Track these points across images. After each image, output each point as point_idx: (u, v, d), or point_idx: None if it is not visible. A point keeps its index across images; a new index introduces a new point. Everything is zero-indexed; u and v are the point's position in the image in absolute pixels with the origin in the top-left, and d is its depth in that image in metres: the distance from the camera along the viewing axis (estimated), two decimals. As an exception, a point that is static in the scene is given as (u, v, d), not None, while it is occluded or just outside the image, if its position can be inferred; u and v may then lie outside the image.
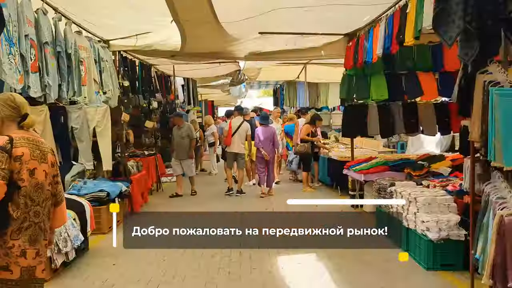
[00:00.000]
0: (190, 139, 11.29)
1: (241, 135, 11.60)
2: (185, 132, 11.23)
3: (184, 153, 11.20)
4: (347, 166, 9.63)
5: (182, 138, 11.18)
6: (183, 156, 11.19)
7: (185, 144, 11.19)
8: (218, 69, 13.73)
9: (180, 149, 11.20)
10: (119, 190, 8.36)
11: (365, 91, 9.53)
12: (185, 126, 11.34)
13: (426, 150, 16.66)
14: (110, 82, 8.57)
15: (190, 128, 11.39)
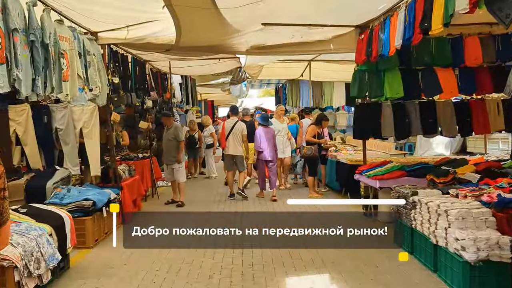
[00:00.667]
0: (178, 141, 10.25)
1: (236, 136, 11.05)
2: (172, 134, 10.21)
3: (171, 157, 10.23)
4: (359, 170, 8.78)
5: (169, 140, 10.23)
6: (170, 161, 10.27)
7: (172, 147, 10.21)
8: (217, 66, 12.86)
9: (167, 153, 10.32)
10: (107, 198, 7.52)
11: (378, 89, 8.71)
12: (173, 127, 10.33)
13: (435, 152, 15.93)
14: (98, 78, 7.70)
15: (177, 129, 10.36)
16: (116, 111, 8.72)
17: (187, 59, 11.12)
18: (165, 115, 10.52)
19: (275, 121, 12.08)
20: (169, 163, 10.26)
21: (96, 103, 7.82)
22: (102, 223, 7.52)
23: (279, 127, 11.94)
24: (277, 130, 11.68)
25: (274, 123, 11.85)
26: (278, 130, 11.78)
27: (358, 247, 6.78)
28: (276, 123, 12.03)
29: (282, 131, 11.97)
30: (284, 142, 12.00)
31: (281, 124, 12.11)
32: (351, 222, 8.56)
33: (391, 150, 11.73)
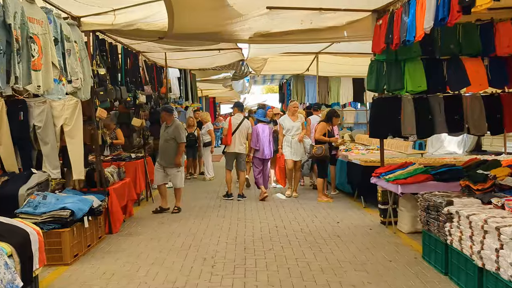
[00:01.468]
0: (178, 142, 9.12)
1: (242, 134, 10.60)
2: (171, 134, 9.11)
3: (169, 159, 9.12)
4: (376, 173, 7.77)
5: (166, 140, 9.13)
6: (167, 163, 9.16)
7: (170, 149, 9.10)
8: (218, 58, 11.88)
9: (164, 154, 9.20)
10: (88, 206, 6.54)
11: (398, 81, 7.73)
12: (174, 125, 9.20)
13: (447, 150, 14.90)
14: (79, 69, 6.73)
15: (178, 128, 9.20)
16: (102, 106, 7.72)
17: (184, 49, 10.12)
18: (166, 109, 9.34)
19: (287, 119, 10.83)
20: (167, 165, 9.18)
21: (77, 97, 6.83)
22: (84, 235, 6.53)
23: (289, 125, 10.72)
24: (286, 129, 10.69)
25: (285, 121, 10.78)
26: (288, 129, 10.69)
27: (380, 263, 5.82)
28: (288, 120, 10.80)
29: (293, 129, 10.69)
30: (296, 143, 10.66)
31: (293, 123, 10.75)
32: (370, 234, 7.62)
33: (408, 149, 10.71)
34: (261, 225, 8.03)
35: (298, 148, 10.70)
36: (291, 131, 10.69)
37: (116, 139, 10.55)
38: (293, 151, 10.66)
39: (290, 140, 10.68)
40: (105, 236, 7.41)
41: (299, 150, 10.73)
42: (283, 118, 11.00)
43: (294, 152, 10.67)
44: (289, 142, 10.69)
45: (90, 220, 6.69)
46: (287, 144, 10.71)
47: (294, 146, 10.66)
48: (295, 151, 10.68)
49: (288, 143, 10.70)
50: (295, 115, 10.89)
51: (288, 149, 10.70)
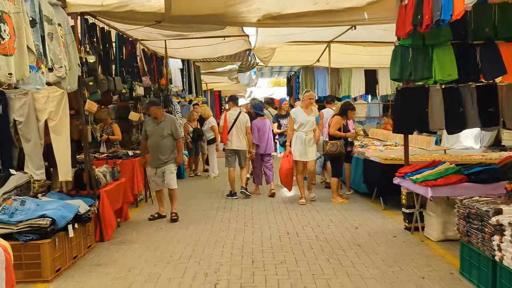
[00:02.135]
0: (175, 138, 8.12)
1: (239, 129, 9.96)
2: (167, 129, 7.98)
3: (166, 157, 8.04)
4: (400, 173, 6.90)
5: (162, 137, 7.98)
6: (164, 162, 8.05)
7: (167, 146, 8.04)
8: (222, 47, 10.98)
9: (160, 152, 8.02)
10: (73, 213, 5.70)
11: (425, 69, 6.86)
12: (166, 119, 8.09)
13: (463, 145, 13.92)
14: (63, 55, 5.87)
15: (175, 122, 8.14)
16: (92, 98, 6.87)
17: (185, 36, 9.23)
18: (154, 103, 8.14)
19: (300, 112, 9.31)
20: (161, 164, 8.07)
21: (62, 87, 5.96)
22: (68, 245, 5.70)
23: (303, 119, 9.23)
24: (299, 123, 9.20)
25: (298, 114, 9.28)
26: (301, 123, 9.20)
27: (411, 281, 4.96)
28: (301, 114, 9.30)
29: (307, 125, 9.21)
30: (308, 141, 9.21)
31: (307, 116, 9.25)
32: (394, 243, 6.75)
33: (430, 145, 9.80)
34: (270, 231, 7.17)
35: (313, 146, 9.29)
36: (305, 126, 9.19)
37: (113, 135, 9.77)
38: (304, 151, 9.21)
39: (303, 138, 9.17)
40: (96, 245, 6.59)
41: (313, 149, 9.32)
42: (296, 110, 9.45)
43: (307, 152, 9.22)
44: (301, 140, 9.19)
45: (76, 228, 5.87)
46: (299, 142, 9.20)
47: (307, 145, 9.19)
48: (307, 151, 9.22)
49: (300, 140, 9.20)
50: (309, 108, 9.40)
51: (299, 147, 9.20)
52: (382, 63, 15.48)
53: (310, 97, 9.45)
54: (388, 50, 12.92)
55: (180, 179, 12.61)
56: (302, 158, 9.24)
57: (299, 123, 9.23)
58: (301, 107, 9.43)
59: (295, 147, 9.25)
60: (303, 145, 9.18)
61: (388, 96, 18.28)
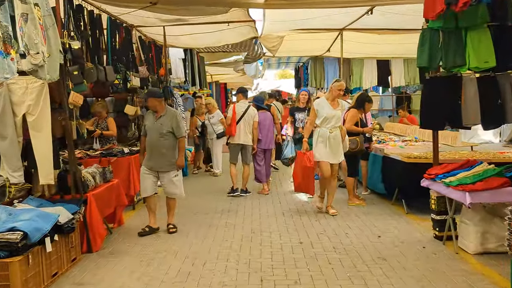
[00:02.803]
0: (177, 137, 6.84)
1: (248, 123, 9.40)
2: (167, 125, 6.72)
3: (165, 159, 6.78)
4: (430, 174, 6.03)
5: (161, 135, 6.73)
6: (163, 165, 6.80)
7: (167, 146, 6.77)
8: (226, 34, 10.10)
9: (158, 153, 6.76)
10: (51, 223, 4.87)
11: (458, 55, 6.01)
12: (169, 114, 6.85)
13: (482, 139, 13.06)
14: (41, 40, 5.03)
15: (177, 118, 6.85)
16: (77, 90, 6.03)
17: (184, 21, 8.37)
18: (153, 94, 6.85)
19: (325, 104, 7.73)
20: (162, 169, 6.82)
21: (39, 76, 5.11)
22: (46, 262, 4.87)
23: (329, 112, 7.64)
24: (323, 118, 7.64)
25: (324, 107, 7.69)
26: (326, 118, 7.63)
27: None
28: (326, 106, 7.71)
29: (332, 120, 7.64)
30: (332, 139, 7.65)
31: (332, 110, 7.67)
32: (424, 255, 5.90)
33: (456, 141, 8.91)
34: (281, 240, 6.32)
35: (338, 146, 7.73)
36: (329, 121, 7.64)
37: (108, 130, 8.97)
38: (330, 151, 7.65)
39: (327, 135, 7.63)
40: (82, 257, 5.76)
41: (339, 149, 7.78)
42: (320, 102, 7.84)
43: (333, 152, 7.67)
44: (325, 138, 7.64)
45: (57, 241, 5.05)
46: (322, 140, 7.68)
47: (333, 144, 7.66)
48: (334, 151, 7.68)
49: (324, 138, 7.65)
50: (335, 101, 7.79)
51: (323, 146, 7.66)
52: (396, 52, 14.74)
53: (340, 88, 7.73)
54: (403, 38, 12.21)
55: (183, 176, 11.81)
56: (327, 159, 7.67)
57: (322, 117, 7.66)
58: (327, 98, 7.83)
59: (317, 146, 7.72)
60: (327, 144, 7.64)
61: (400, 88, 17.48)
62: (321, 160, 7.67)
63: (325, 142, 7.64)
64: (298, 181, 8.08)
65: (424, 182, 6.19)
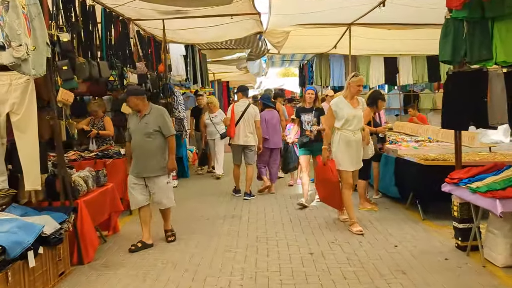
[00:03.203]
0: (166, 136, 6.16)
1: (248, 123, 9.05)
2: (152, 124, 6.04)
3: (153, 163, 6.06)
4: (453, 178, 5.51)
5: (146, 135, 6.03)
6: (151, 171, 6.07)
7: (154, 148, 6.07)
8: (230, 28, 9.54)
9: (145, 156, 6.05)
10: (34, 235, 4.36)
11: (484, 48, 5.52)
12: (155, 112, 6.13)
13: (491, 139, 12.47)
14: (24, 30, 4.53)
15: (164, 115, 6.17)
16: (66, 87, 5.51)
17: (184, 13, 7.85)
18: (134, 92, 6.10)
19: (344, 103, 6.69)
20: (149, 174, 6.09)
21: (22, 71, 4.61)
22: (29, 278, 4.35)
23: (349, 113, 6.62)
24: (343, 120, 6.61)
25: (341, 106, 6.65)
26: (345, 119, 6.60)
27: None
28: (345, 106, 6.66)
29: (354, 121, 6.63)
30: (356, 143, 6.71)
31: (352, 110, 6.64)
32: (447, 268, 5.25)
33: (474, 142, 8.38)
34: (289, 250, 5.80)
35: (361, 150, 6.86)
36: (351, 123, 6.61)
37: (105, 130, 8.51)
38: (353, 157, 6.69)
39: (350, 139, 6.63)
40: (71, 270, 5.26)
41: (361, 154, 6.89)
42: (338, 102, 6.74)
43: (356, 158, 6.75)
44: (348, 142, 6.64)
45: (42, 254, 4.55)
46: (345, 145, 6.64)
47: (357, 149, 6.73)
48: (357, 156, 6.75)
49: (347, 143, 6.64)
50: (355, 99, 6.75)
51: (345, 153, 6.64)
52: (404, 49, 14.20)
53: (359, 84, 6.67)
54: (412, 34, 11.70)
55: (184, 178, 11.34)
56: (352, 166, 6.71)
57: (343, 118, 6.62)
58: (345, 96, 6.77)
59: (340, 153, 6.67)
60: (350, 149, 6.65)
61: (407, 86, 16.97)
62: (343, 169, 6.67)
63: (348, 147, 6.64)
64: (321, 194, 7.25)
65: (445, 187, 5.67)
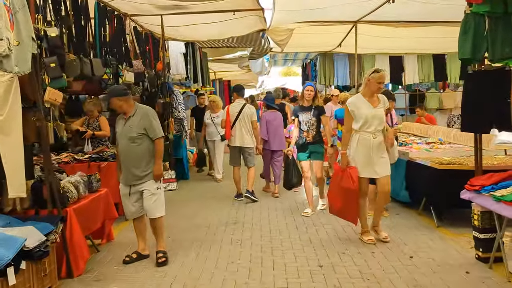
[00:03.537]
0: (153, 139, 5.51)
1: (244, 123, 8.75)
2: (138, 126, 5.41)
3: (139, 170, 5.43)
4: (473, 185, 5.08)
5: (130, 139, 5.41)
6: (137, 178, 5.45)
7: (139, 152, 5.43)
8: (231, 25, 9.11)
9: (129, 163, 5.45)
10: (14, 250, 3.94)
11: (507, 45, 5.12)
12: (138, 112, 5.48)
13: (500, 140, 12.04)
14: (6, 24, 4.11)
15: (149, 116, 5.48)
16: (55, 85, 5.07)
17: (183, 7, 7.43)
18: (116, 93, 5.47)
19: (362, 102, 5.95)
20: (135, 182, 5.48)
21: (4, 69, 4.20)
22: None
23: (366, 113, 5.87)
24: (361, 120, 5.88)
25: (359, 106, 5.91)
26: (364, 119, 5.87)
27: None
28: (364, 105, 5.93)
29: (374, 122, 5.87)
30: (376, 146, 5.91)
31: (372, 109, 5.89)
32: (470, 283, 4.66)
33: (489, 144, 7.95)
34: (297, 262, 5.37)
35: (382, 156, 5.99)
36: (370, 124, 5.87)
37: (100, 130, 8.12)
38: (371, 162, 5.92)
39: (369, 142, 5.90)
40: (59, 285, 4.83)
41: (384, 161, 6.01)
42: (355, 100, 6.01)
43: (375, 164, 5.93)
44: (366, 145, 5.91)
45: (24, 269, 4.13)
46: (363, 149, 5.92)
47: (376, 153, 5.92)
48: (376, 162, 5.93)
49: (365, 146, 5.91)
50: (375, 97, 5.99)
51: (363, 157, 5.93)
52: (409, 48, 13.84)
53: (380, 80, 5.86)
54: (418, 32, 11.28)
55: (184, 179, 10.93)
56: (368, 173, 5.99)
57: (361, 119, 5.88)
58: (364, 95, 6.00)
59: (357, 157, 5.97)
60: (369, 153, 5.91)
61: (413, 86, 16.56)
62: (361, 176, 5.97)
63: (368, 151, 5.90)
64: (336, 205, 6.17)
65: (465, 194, 5.25)
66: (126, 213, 5.71)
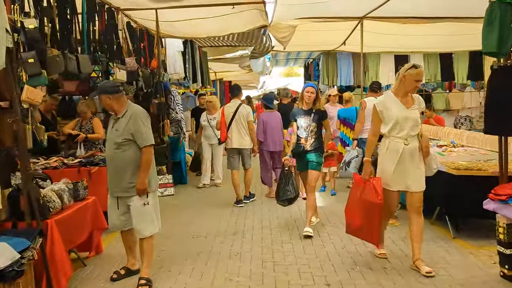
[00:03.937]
0: (140, 147, 4.78)
1: (240, 124, 8.51)
2: (124, 130, 4.74)
3: (124, 181, 4.78)
4: (498, 195, 4.58)
5: (115, 144, 4.79)
6: (122, 190, 4.81)
7: (125, 161, 4.76)
8: (231, 20, 8.63)
9: (114, 173, 4.86)
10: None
11: (536, 37, 4.52)
12: (127, 114, 4.80)
13: None
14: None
15: (138, 118, 4.75)
16: (33, 83, 4.55)
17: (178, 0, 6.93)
18: (101, 90, 4.88)
19: (393, 102, 5.09)
20: (121, 193, 4.85)
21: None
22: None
23: (398, 115, 5.02)
24: (391, 123, 5.04)
25: (389, 106, 5.06)
26: (394, 122, 5.02)
27: None
28: (395, 106, 5.07)
29: (406, 126, 5.00)
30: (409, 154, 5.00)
31: (405, 111, 5.02)
32: None
33: (510, 147, 7.40)
34: (301, 279, 4.86)
35: (418, 164, 5.06)
36: (403, 127, 5.01)
37: (93, 133, 7.65)
38: (405, 173, 5.02)
39: (401, 148, 5.00)
40: (37, 307, 4.33)
41: (419, 172, 5.07)
42: (385, 100, 5.20)
43: (407, 175, 5.03)
44: (397, 152, 5.01)
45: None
46: (392, 156, 5.04)
47: (410, 161, 5.01)
48: (411, 172, 5.03)
49: (395, 153, 5.01)
50: (409, 97, 5.10)
51: (391, 166, 5.04)
52: (415, 46, 13.41)
53: (418, 78, 4.98)
54: (425, 29, 10.79)
55: (182, 184, 10.42)
56: (398, 186, 5.09)
57: (391, 121, 5.04)
58: (396, 94, 5.12)
59: (385, 166, 5.13)
60: (400, 162, 5.01)
61: (418, 85, 16.10)
62: (389, 188, 5.09)
63: (397, 159, 5.00)
64: (354, 223, 5.31)
65: (489, 204, 4.75)
66: (110, 224, 5.13)
